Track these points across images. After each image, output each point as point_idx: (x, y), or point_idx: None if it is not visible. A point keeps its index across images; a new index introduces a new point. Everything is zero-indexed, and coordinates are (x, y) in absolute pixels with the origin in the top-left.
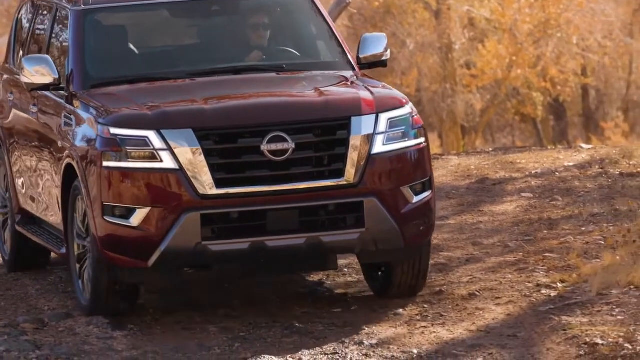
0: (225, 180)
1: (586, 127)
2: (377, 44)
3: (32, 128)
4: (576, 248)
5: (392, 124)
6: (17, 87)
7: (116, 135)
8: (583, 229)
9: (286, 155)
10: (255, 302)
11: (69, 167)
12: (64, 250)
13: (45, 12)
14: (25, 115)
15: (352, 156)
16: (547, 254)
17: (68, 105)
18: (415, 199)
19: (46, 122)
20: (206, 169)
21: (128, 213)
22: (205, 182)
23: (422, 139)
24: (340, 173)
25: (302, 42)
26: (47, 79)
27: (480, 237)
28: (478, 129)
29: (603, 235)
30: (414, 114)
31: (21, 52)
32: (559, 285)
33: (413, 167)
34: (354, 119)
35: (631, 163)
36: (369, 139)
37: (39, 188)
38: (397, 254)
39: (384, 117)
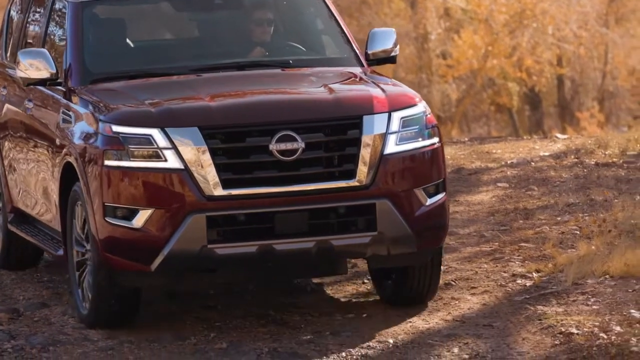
0: (232, 181)
1: (562, 117)
2: (386, 39)
3: (26, 124)
4: (552, 238)
5: (405, 123)
6: (8, 80)
7: (118, 133)
8: (558, 218)
9: (295, 155)
10: (231, 292)
11: (68, 165)
12: (60, 252)
13: (40, 4)
14: (19, 111)
15: (364, 156)
16: (522, 244)
17: (66, 101)
18: (429, 201)
19: (42, 118)
20: (212, 169)
21: (130, 214)
22: (211, 183)
23: (435, 139)
24: (351, 174)
25: (309, 37)
26: (44, 74)
27: (456, 227)
28: (454, 119)
29: (578, 225)
30: (427, 113)
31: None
32: (535, 274)
33: (427, 168)
34: (365, 118)
35: (606, 153)
36: (382, 138)
37: (34, 186)
38: (409, 258)
39: (396, 116)
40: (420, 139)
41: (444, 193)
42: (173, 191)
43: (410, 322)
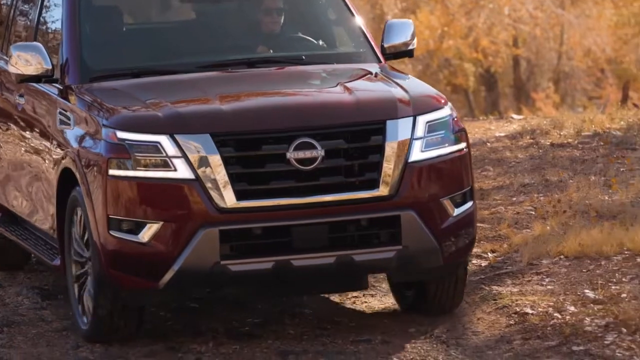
0: (246, 192)
1: (517, 98)
2: (403, 31)
3: (18, 121)
4: (507, 218)
5: (431, 127)
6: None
7: (124, 140)
8: (514, 199)
9: (315, 164)
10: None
11: (66, 171)
12: (57, 262)
13: None
14: (9, 108)
15: (388, 165)
16: (478, 224)
17: (63, 101)
18: (456, 212)
19: (36, 117)
20: (226, 180)
21: (137, 228)
22: (224, 194)
23: (463, 144)
24: (374, 184)
25: (322, 30)
26: (39, 70)
27: None
28: None
29: (533, 205)
30: (454, 116)
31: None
32: (490, 255)
33: (454, 176)
34: (389, 123)
35: (562, 133)
36: (406, 145)
37: (25, 187)
38: (433, 272)
39: (422, 120)
40: (447, 145)
41: (472, 202)
42: (183, 203)
43: (366, 302)
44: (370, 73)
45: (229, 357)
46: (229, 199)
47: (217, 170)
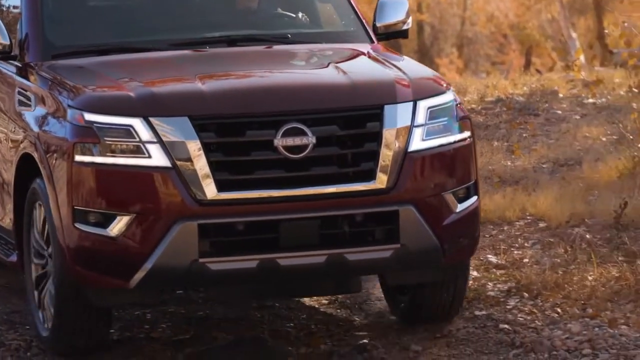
0: (229, 183)
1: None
2: (397, 10)
3: None
4: None
5: (433, 114)
6: None
7: (92, 122)
8: None
9: (305, 152)
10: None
11: (27, 157)
12: (14, 258)
13: None
14: None
15: (385, 154)
16: None
17: (22, 80)
18: (459, 207)
19: None
20: (206, 168)
21: (106, 221)
22: (204, 185)
23: (467, 133)
24: (370, 175)
25: (307, 6)
26: None
27: None
28: None
29: None
30: (457, 101)
31: None
32: None
33: (457, 167)
34: (387, 108)
35: (465, 99)
36: (406, 132)
37: None
38: (434, 274)
39: (423, 106)
40: (449, 133)
41: (476, 197)
42: (158, 194)
43: None
44: (364, 53)
45: None
46: (209, 190)
47: (196, 158)
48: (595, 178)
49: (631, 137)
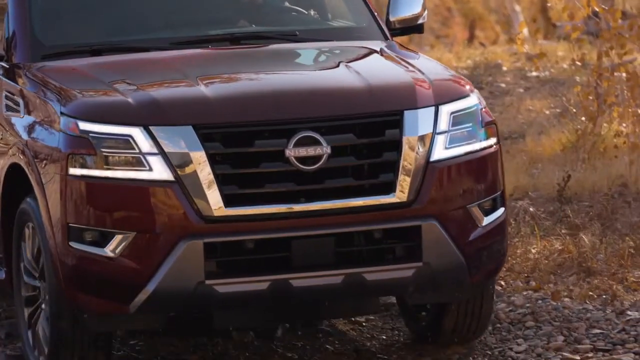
0: (237, 197)
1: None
2: (412, 2)
3: None
4: None
5: (456, 119)
6: None
7: (87, 132)
8: None
9: (319, 164)
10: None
11: (15, 167)
12: (1, 275)
13: None
14: None
15: (406, 164)
16: None
17: (10, 82)
18: (486, 221)
19: None
20: (212, 182)
21: (103, 239)
22: (210, 200)
23: (493, 140)
24: (390, 187)
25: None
26: None
27: None
28: None
29: None
30: (482, 106)
31: None
32: None
33: (483, 177)
34: (407, 114)
35: None
36: (428, 140)
37: None
38: (458, 294)
39: (445, 111)
40: (474, 140)
41: (504, 209)
42: (159, 210)
43: None
44: (379, 52)
45: None
46: (215, 205)
47: (202, 171)
48: (539, 151)
49: (574, 110)
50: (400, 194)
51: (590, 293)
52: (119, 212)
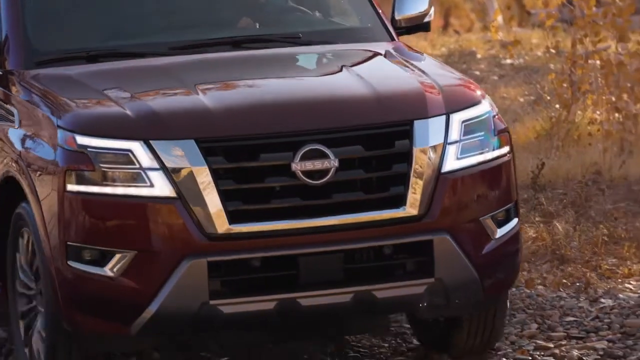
0: (242, 214)
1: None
2: (418, 0)
3: None
4: None
5: (468, 128)
6: None
7: (85, 146)
8: None
9: (326, 178)
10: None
11: (9, 180)
12: None
13: None
14: None
15: (417, 176)
16: None
17: (3, 90)
18: (499, 233)
19: None
20: (215, 197)
21: (103, 258)
22: (214, 217)
23: (506, 148)
24: (400, 201)
25: None
26: None
27: None
28: None
29: None
30: (494, 113)
31: None
32: None
33: (496, 188)
34: (417, 124)
35: None
36: (439, 151)
37: None
38: (470, 308)
39: (457, 119)
40: (487, 150)
41: (517, 219)
42: (161, 227)
43: None
44: (385, 56)
45: None
46: (219, 222)
47: (205, 186)
48: (513, 139)
49: (548, 97)
50: (411, 208)
51: (564, 281)
52: (119, 230)
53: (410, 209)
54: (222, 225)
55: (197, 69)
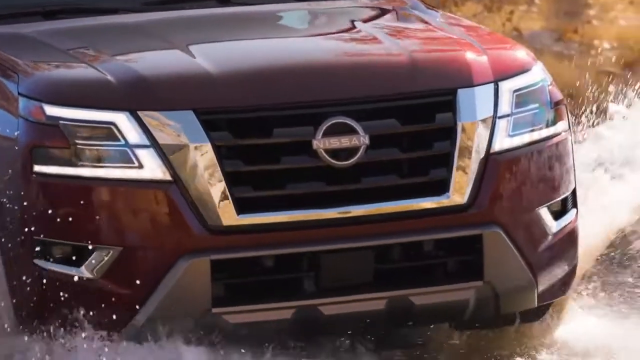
0: (252, 202)
1: None
2: None
3: None
4: None
5: (520, 99)
6: None
7: (57, 118)
8: None
9: (355, 158)
10: None
11: None
12: None
13: None
14: None
15: (462, 157)
16: None
17: None
18: (556, 227)
19: None
20: (220, 182)
21: (78, 256)
22: (218, 205)
23: (564, 124)
24: (443, 187)
25: None
26: None
27: None
28: None
29: None
30: (549, 81)
31: None
32: None
33: (554, 172)
34: (461, 93)
35: None
36: (488, 126)
37: None
38: (522, 317)
39: (506, 88)
40: (542, 125)
41: (575, 210)
42: (153, 218)
43: None
44: (412, 14)
45: None
46: (225, 212)
47: (207, 168)
48: None
49: None
50: (456, 195)
51: None
52: (99, 221)
53: (455, 196)
54: (227, 215)
55: (185, 27)
